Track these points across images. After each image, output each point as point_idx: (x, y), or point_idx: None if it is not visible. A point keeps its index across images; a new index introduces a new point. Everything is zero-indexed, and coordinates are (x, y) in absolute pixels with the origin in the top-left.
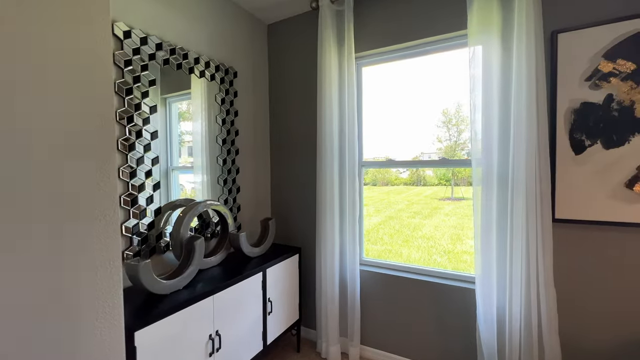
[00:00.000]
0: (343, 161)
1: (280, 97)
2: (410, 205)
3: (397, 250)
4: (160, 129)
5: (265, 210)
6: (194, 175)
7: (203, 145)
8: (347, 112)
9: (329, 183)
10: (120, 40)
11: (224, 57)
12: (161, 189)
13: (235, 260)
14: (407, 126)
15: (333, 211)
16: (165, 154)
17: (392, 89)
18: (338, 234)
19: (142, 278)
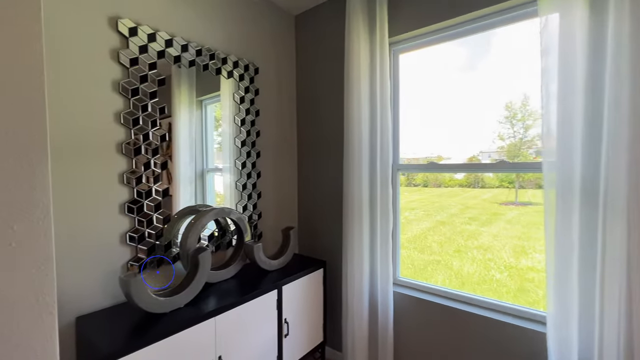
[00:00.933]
0: (374, 164)
1: (309, 94)
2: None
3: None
4: (196, 131)
5: (290, 218)
6: (223, 178)
7: (227, 147)
8: (380, 107)
9: (357, 190)
10: (126, 38)
11: (244, 52)
12: (196, 190)
13: (250, 274)
14: (462, 122)
15: (361, 222)
16: (201, 155)
17: (439, 78)
18: (368, 248)
19: (134, 295)
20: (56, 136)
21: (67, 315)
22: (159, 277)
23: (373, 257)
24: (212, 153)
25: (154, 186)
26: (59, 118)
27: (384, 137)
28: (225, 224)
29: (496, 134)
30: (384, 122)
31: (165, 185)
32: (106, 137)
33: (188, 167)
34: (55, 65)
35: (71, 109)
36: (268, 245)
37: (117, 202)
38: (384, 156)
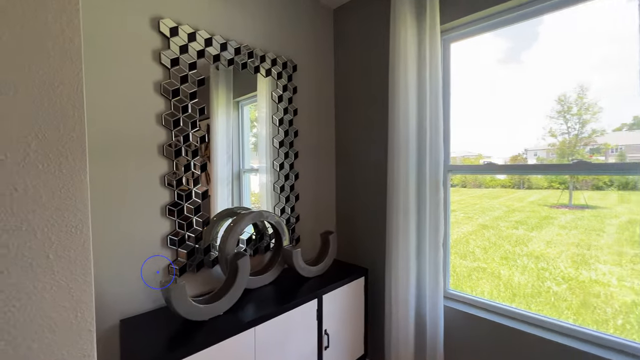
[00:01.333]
0: (422, 165)
1: (348, 91)
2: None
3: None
4: (233, 132)
5: (328, 222)
6: (259, 179)
7: (264, 147)
8: (430, 102)
9: (403, 193)
10: (167, 38)
11: (282, 49)
12: (233, 191)
13: (289, 280)
14: (504, 118)
15: (407, 228)
16: (237, 156)
17: (478, 71)
18: (414, 257)
19: (175, 302)
20: (100, 138)
21: (111, 318)
22: (198, 281)
23: (420, 267)
24: (248, 154)
25: (193, 188)
26: (102, 120)
27: (434, 135)
28: (263, 227)
29: (546, 130)
30: (434, 119)
31: (204, 188)
32: (148, 139)
33: (225, 168)
34: (98, 68)
35: (115, 111)
36: (306, 249)
37: (159, 205)
38: (434, 156)
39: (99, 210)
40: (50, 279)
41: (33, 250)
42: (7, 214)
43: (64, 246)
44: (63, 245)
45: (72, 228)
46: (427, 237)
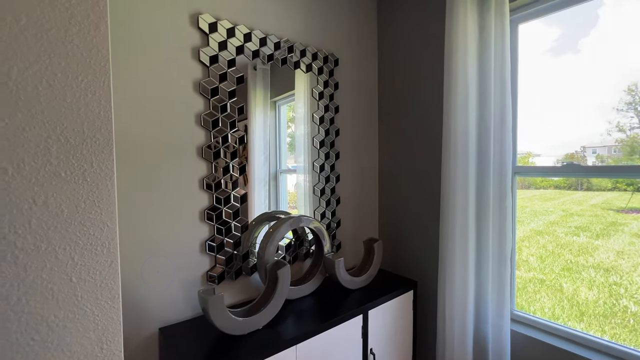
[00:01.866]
0: (485, 167)
1: (394, 85)
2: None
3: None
4: (270, 133)
5: (371, 227)
6: (296, 179)
7: (302, 147)
8: (494, 93)
9: (460, 199)
10: (206, 35)
11: (323, 42)
12: (270, 192)
13: (331, 292)
14: (558, 111)
15: (466, 238)
16: (275, 157)
17: (532, 58)
18: (473, 272)
19: (212, 314)
20: (136, 140)
21: (150, 325)
22: (237, 289)
23: (481, 283)
24: (284, 154)
25: (232, 192)
26: (140, 122)
27: (500, 132)
28: (302, 232)
29: (612, 124)
30: (499, 114)
31: (243, 191)
32: (187, 140)
33: (262, 169)
34: (137, 67)
35: (154, 112)
36: (347, 256)
37: (198, 209)
38: (499, 156)
39: (136, 214)
40: (73, 306)
41: (54, 272)
42: (25, 231)
43: (88, 268)
44: (87, 266)
45: (97, 246)
46: (490, 249)
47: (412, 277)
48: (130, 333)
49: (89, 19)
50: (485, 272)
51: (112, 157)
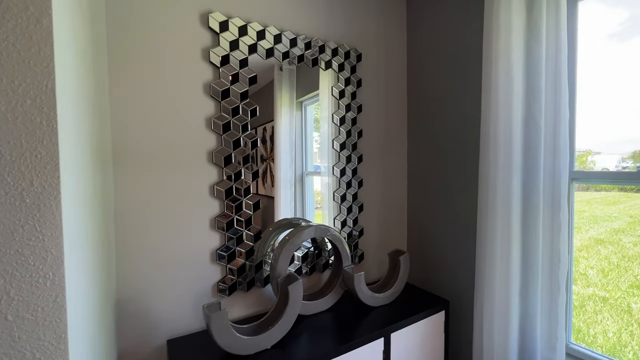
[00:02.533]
0: (532, 172)
1: (425, 81)
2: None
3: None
4: (296, 134)
5: (398, 237)
6: (321, 181)
7: (325, 149)
8: (545, 86)
9: (501, 210)
10: (217, 34)
11: (344, 36)
12: (296, 194)
13: (350, 308)
14: (622, 104)
15: (508, 257)
16: (301, 158)
17: (591, 44)
18: (517, 295)
19: (215, 332)
20: (144, 145)
21: (159, 337)
22: (250, 300)
23: (528, 310)
24: (311, 155)
25: (244, 199)
26: (148, 126)
27: (552, 132)
28: (321, 241)
29: None
30: (552, 110)
31: (257, 198)
32: (197, 144)
33: (288, 171)
34: (144, 70)
35: (163, 115)
36: (371, 269)
37: (208, 216)
38: (551, 159)
39: (144, 222)
40: (9, 349)
41: None
42: None
43: (27, 303)
44: (27, 302)
45: (39, 278)
46: (540, 270)
47: (444, 296)
48: (138, 343)
49: (27, 12)
50: (533, 296)
51: (57, 174)
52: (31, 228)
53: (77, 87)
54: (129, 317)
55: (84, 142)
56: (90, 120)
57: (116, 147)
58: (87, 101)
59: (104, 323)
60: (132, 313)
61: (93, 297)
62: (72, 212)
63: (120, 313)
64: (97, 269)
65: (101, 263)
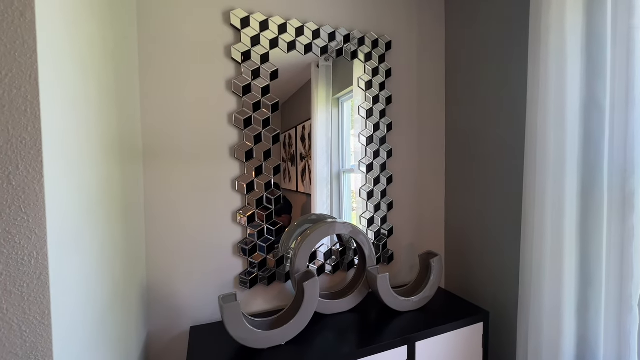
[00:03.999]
0: (594, 167)
1: (464, 67)
2: None
3: None
4: (332, 131)
5: (434, 239)
6: (354, 181)
7: (358, 145)
8: (610, 61)
9: (553, 213)
10: (238, 31)
11: (371, 23)
12: (332, 192)
13: (374, 310)
14: None
15: (560, 268)
16: (337, 156)
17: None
18: (573, 314)
19: (228, 323)
20: (169, 141)
21: (184, 323)
22: (270, 295)
23: (587, 331)
24: (348, 152)
25: (265, 193)
26: (172, 122)
27: (624, 117)
28: (348, 239)
29: None
30: (624, 90)
31: (278, 193)
32: (219, 140)
33: (325, 169)
34: (169, 69)
35: (186, 112)
36: (401, 271)
37: (230, 210)
38: (620, 152)
39: (169, 213)
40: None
41: None
42: None
43: (14, 279)
44: (13, 277)
45: (24, 256)
46: (604, 287)
47: (483, 305)
48: (166, 327)
49: (13, 7)
50: (596, 316)
51: (40, 159)
52: (17, 209)
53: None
54: (159, 301)
55: (88, 134)
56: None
57: (146, 144)
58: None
59: (124, 305)
60: (160, 297)
61: (98, 279)
62: (59, 196)
63: (150, 297)
64: (111, 254)
65: (117, 249)
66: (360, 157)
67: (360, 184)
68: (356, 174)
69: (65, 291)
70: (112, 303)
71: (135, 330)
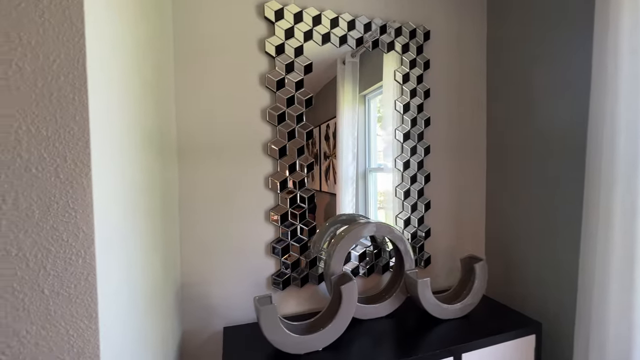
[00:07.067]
0: None
1: (512, 61)
2: None
3: None
4: (359, 129)
5: (474, 241)
6: (384, 180)
7: (390, 142)
8: None
9: (623, 217)
10: (272, 23)
11: (409, 12)
12: (358, 191)
13: (413, 317)
14: None
15: (631, 280)
16: (363, 154)
17: None
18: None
19: (264, 326)
20: (202, 138)
21: (217, 323)
22: (303, 297)
23: None
24: (374, 151)
25: (298, 192)
26: (205, 119)
27: None
28: (382, 240)
29: None
30: None
31: (311, 192)
32: (252, 136)
33: (350, 168)
34: (202, 65)
35: (219, 108)
36: (439, 275)
37: (263, 208)
38: None
39: (202, 211)
40: (45, 322)
41: (24, 282)
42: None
43: (62, 279)
44: (61, 277)
45: (72, 255)
46: None
47: (534, 316)
48: (200, 327)
49: None
50: None
51: (88, 150)
52: (65, 204)
53: (118, 69)
54: (193, 301)
55: (130, 126)
56: (144, 108)
57: (180, 140)
58: (140, 89)
59: (160, 306)
60: (194, 296)
61: (140, 279)
62: (107, 191)
63: (184, 296)
64: (152, 252)
65: (157, 246)
66: (396, 154)
67: (394, 183)
68: (385, 173)
69: (111, 292)
70: (152, 303)
71: (171, 330)
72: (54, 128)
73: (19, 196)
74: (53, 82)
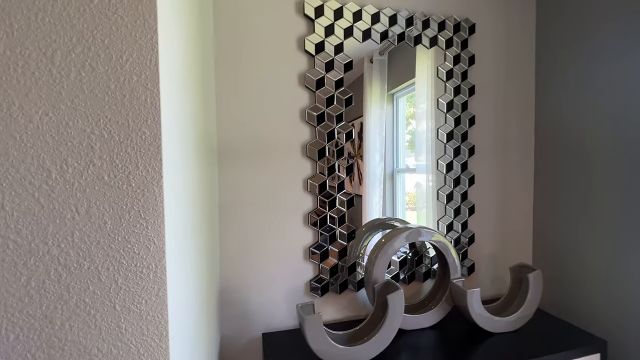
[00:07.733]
0: None
1: (567, 55)
2: None
3: None
4: (387, 128)
5: (521, 249)
6: (416, 182)
7: (423, 142)
8: None
9: None
10: (312, 21)
11: (452, 6)
12: (385, 193)
13: (460, 329)
14: None
15: None
16: (391, 155)
17: None
18: None
19: (309, 336)
20: (241, 139)
21: (255, 329)
22: (341, 304)
23: None
24: (403, 151)
25: (337, 195)
26: (248, 121)
27: None
28: (421, 246)
29: None
30: None
31: (350, 195)
32: (291, 137)
33: (377, 168)
34: (246, 65)
35: (258, 109)
36: (483, 284)
37: (302, 212)
38: None
39: (240, 215)
40: (117, 340)
41: (96, 297)
42: (68, 245)
43: (133, 294)
44: (132, 292)
45: (143, 269)
46: None
47: (593, 331)
48: (238, 332)
49: None
50: None
51: (159, 156)
52: (136, 214)
53: (180, 68)
54: (231, 305)
55: (185, 129)
56: (194, 108)
57: (220, 143)
58: (193, 89)
59: (207, 313)
60: (232, 301)
61: (196, 289)
62: (173, 199)
63: (223, 301)
64: (201, 260)
65: (206, 253)
66: (438, 154)
67: (436, 185)
68: (418, 174)
69: (178, 308)
70: (203, 312)
71: (214, 337)
72: (126, 132)
73: (92, 206)
74: (126, 83)
